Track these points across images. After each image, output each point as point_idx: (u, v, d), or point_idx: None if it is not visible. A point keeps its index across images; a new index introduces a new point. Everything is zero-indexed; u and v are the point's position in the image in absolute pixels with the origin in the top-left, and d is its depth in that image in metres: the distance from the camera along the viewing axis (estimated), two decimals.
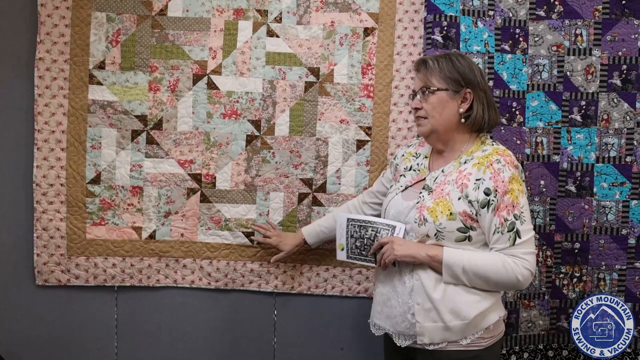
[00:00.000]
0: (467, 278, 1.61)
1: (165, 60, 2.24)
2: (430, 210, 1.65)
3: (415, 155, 1.87)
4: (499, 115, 1.83)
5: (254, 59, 2.24)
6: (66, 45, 2.21)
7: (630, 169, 2.17)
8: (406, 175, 1.84)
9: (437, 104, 1.71)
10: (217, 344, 2.33)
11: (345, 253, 1.82)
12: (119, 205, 2.26)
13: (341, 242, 1.83)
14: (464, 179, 1.65)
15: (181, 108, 2.25)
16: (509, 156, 1.66)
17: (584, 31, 2.17)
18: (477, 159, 1.66)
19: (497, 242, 1.62)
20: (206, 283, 2.29)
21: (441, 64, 1.72)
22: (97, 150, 2.25)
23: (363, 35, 2.25)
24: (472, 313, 1.62)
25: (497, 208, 1.60)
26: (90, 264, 2.26)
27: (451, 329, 1.62)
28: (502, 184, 1.60)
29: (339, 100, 2.25)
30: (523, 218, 1.62)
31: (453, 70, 1.71)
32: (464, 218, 1.63)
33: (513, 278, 1.60)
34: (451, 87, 1.70)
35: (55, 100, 2.22)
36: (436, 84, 1.71)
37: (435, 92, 1.71)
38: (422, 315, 1.64)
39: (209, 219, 2.27)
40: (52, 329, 2.30)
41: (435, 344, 1.64)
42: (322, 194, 2.27)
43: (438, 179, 1.71)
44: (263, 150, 2.26)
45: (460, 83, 1.70)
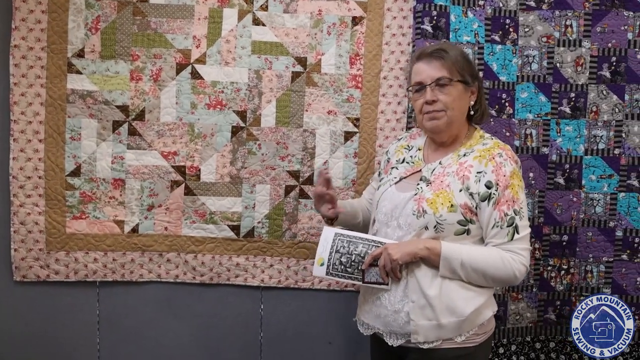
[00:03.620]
0: (465, 272, 1.59)
1: (147, 48, 2.16)
2: (430, 201, 1.61)
3: (407, 148, 1.83)
4: (487, 107, 1.82)
5: (240, 48, 2.18)
6: (43, 32, 2.13)
7: (618, 162, 2.17)
8: (399, 168, 1.79)
9: (456, 95, 1.66)
10: (203, 340, 2.29)
11: (325, 269, 1.68)
12: (100, 199, 2.20)
13: (322, 256, 1.68)
14: (465, 171, 1.62)
15: (164, 98, 2.18)
16: (510, 151, 1.65)
17: (574, 22, 2.15)
18: (479, 152, 1.64)
19: (495, 237, 1.60)
20: (191, 277, 2.25)
21: (456, 57, 1.67)
22: (77, 142, 2.17)
23: (351, 24, 2.20)
24: (468, 310, 1.60)
25: (497, 202, 1.58)
26: (70, 259, 2.20)
27: (446, 327, 1.60)
28: (503, 178, 1.58)
29: (326, 91, 2.21)
30: (522, 214, 1.60)
31: (467, 64, 1.68)
32: (465, 210, 1.60)
33: (511, 273, 1.58)
34: (466, 79, 1.67)
35: (32, 90, 2.14)
36: (457, 75, 1.66)
37: (454, 84, 1.65)
38: (417, 313, 1.61)
39: (194, 212, 2.22)
40: (31, 327, 2.23)
41: (429, 342, 1.61)
42: (309, 187, 2.23)
43: (436, 170, 1.67)
44: (249, 142, 2.21)
45: (473, 76, 1.69)
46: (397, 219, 1.68)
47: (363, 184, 2.21)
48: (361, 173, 2.22)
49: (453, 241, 1.61)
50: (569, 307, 2.21)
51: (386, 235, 1.70)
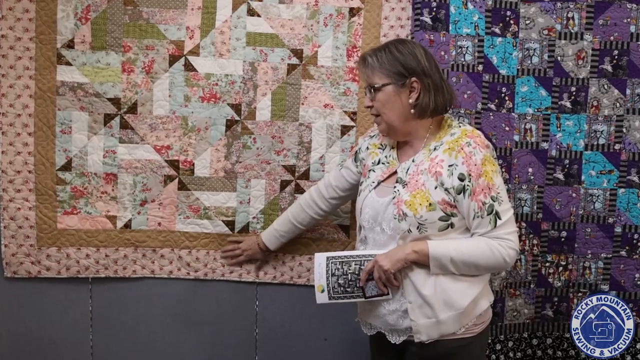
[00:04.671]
0: (456, 267, 1.59)
1: (139, 39, 2.10)
2: (409, 203, 1.60)
3: (381, 147, 1.81)
4: (452, 94, 1.70)
5: (234, 40, 2.13)
6: (31, 21, 2.07)
7: (618, 157, 2.14)
8: (375, 170, 1.78)
9: (385, 100, 1.65)
10: (197, 336, 2.26)
11: (327, 295, 1.68)
12: (92, 193, 2.15)
13: (321, 283, 1.68)
14: (436, 166, 1.61)
15: (157, 91, 2.13)
16: (479, 137, 1.62)
17: (575, 14, 2.10)
18: (447, 144, 1.62)
19: (479, 227, 1.60)
20: (185, 273, 2.21)
21: (380, 58, 1.65)
22: (68, 135, 2.12)
23: (348, 15, 2.14)
24: (465, 302, 1.61)
25: (473, 192, 1.57)
26: (62, 255, 2.16)
27: (446, 322, 1.61)
28: (475, 168, 1.57)
29: (323, 84, 2.16)
30: (500, 199, 1.59)
31: (394, 62, 1.63)
32: (444, 206, 1.59)
33: (500, 260, 1.59)
34: (395, 80, 1.63)
35: (21, 82, 2.09)
36: (378, 80, 1.65)
37: (381, 89, 1.65)
38: (416, 312, 1.62)
39: (188, 207, 2.18)
40: (22, 324, 2.20)
41: (432, 338, 1.63)
42: (305, 181, 2.19)
43: (410, 170, 1.66)
44: (244, 136, 2.17)
45: (404, 74, 1.63)
46: (380, 224, 1.68)
47: None
48: None
49: (439, 237, 1.61)
50: (566, 304, 2.20)
51: (373, 240, 1.71)
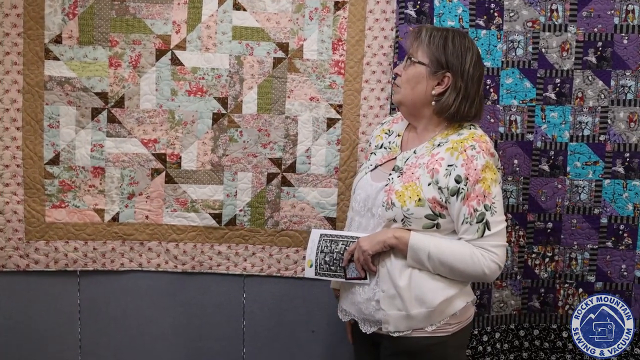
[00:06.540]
0: (432, 264, 1.55)
1: (126, 34, 2.12)
2: (399, 194, 1.58)
3: (388, 133, 1.80)
4: (479, 112, 1.66)
5: (220, 34, 2.15)
6: (19, 17, 2.09)
7: (603, 148, 2.15)
8: (377, 154, 1.77)
9: (412, 76, 1.63)
10: (185, 329, 2.27)
11: (314, 270, 1.71)
12: (80, 187, 2.17)
13: (310, 258, 1.72)
14: (435, 163, 1.57)
15: (144, 85, 2.15)
16: (486, 143, 1.58)
17: (559, 6, 2.11)
18: (452, 143, 1.58)
19: (466, 233, 1.55)
20: (172, 266, 2.23)
21: (432, 39, 1.62)
22: (55, 130, 2.14)
23: (334, 9, 2.16)
24: (437, 300, 1.57)
25: (466, 197, 1.53)
26: (50, 248, 2.17)
27: (416, 317, 1.57)
28: (474, 172, 1.53)
29: (308, 77, 2.18)
30: (494, 209, 1.54)
31: (440, 49, 1.60)
32: (433, 205, 1.56)
33: (479, 270, 1.54)
34: (431, 65, 1.61)
35: (9, 77, 2.11)
36: (419, 57, 1.63)
37: (415, 65, 1.63)
38: (387, 302, 1.59)
39: (175, 200, 2.19)
40: (10, 317, 2.21)
41: (400, 331, 1.59)
42: (291, 174, 2.21)
43: (409, 160, 1.64)
44: (230, 129, 2.18)
45: (442, 65, 1.60)
46: (370, 209, 1.66)
47: (346, 171, 2.19)
48: (344, 160, 2.19)
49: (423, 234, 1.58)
50: (552, 295, 2.20)
51: (359, 224, 1.69)
